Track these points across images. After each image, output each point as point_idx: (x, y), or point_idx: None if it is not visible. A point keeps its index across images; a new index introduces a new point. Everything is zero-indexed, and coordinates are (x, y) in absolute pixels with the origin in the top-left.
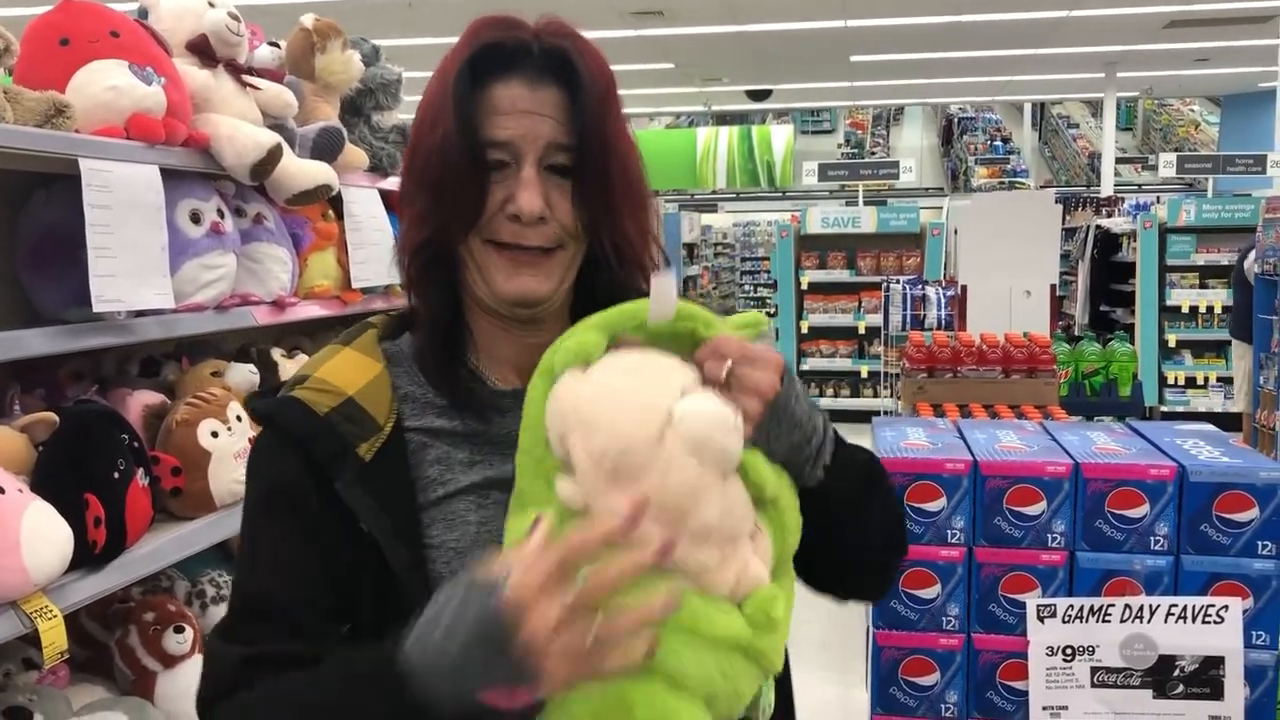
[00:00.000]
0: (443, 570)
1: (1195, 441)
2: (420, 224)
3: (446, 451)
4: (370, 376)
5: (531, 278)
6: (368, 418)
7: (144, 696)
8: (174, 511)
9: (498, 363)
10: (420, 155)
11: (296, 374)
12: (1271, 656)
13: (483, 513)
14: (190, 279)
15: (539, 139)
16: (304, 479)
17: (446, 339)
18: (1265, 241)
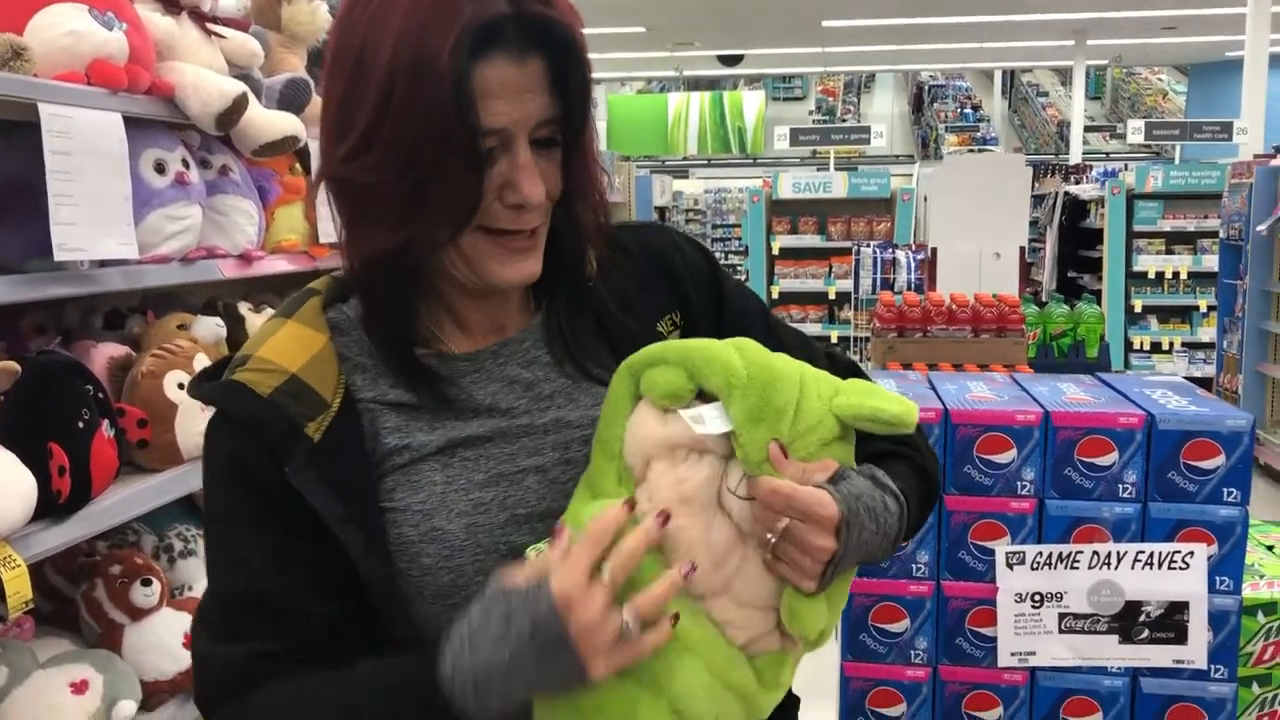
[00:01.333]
0: (409, 533)
1: (1164, 392)
2: (391, 228)
3: (405, 421)
4: (315, 350)
5: (527, 261)
6: (314, 395)
7: (111, 649)
8: (140, 464)
9: (457, 326)
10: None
11: (239, 354)
12: (1234, 601)
13: (448, 471)
14: (155, 230)
15: (530, 118)
16: (262, 461)
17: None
18: (1230, 207)
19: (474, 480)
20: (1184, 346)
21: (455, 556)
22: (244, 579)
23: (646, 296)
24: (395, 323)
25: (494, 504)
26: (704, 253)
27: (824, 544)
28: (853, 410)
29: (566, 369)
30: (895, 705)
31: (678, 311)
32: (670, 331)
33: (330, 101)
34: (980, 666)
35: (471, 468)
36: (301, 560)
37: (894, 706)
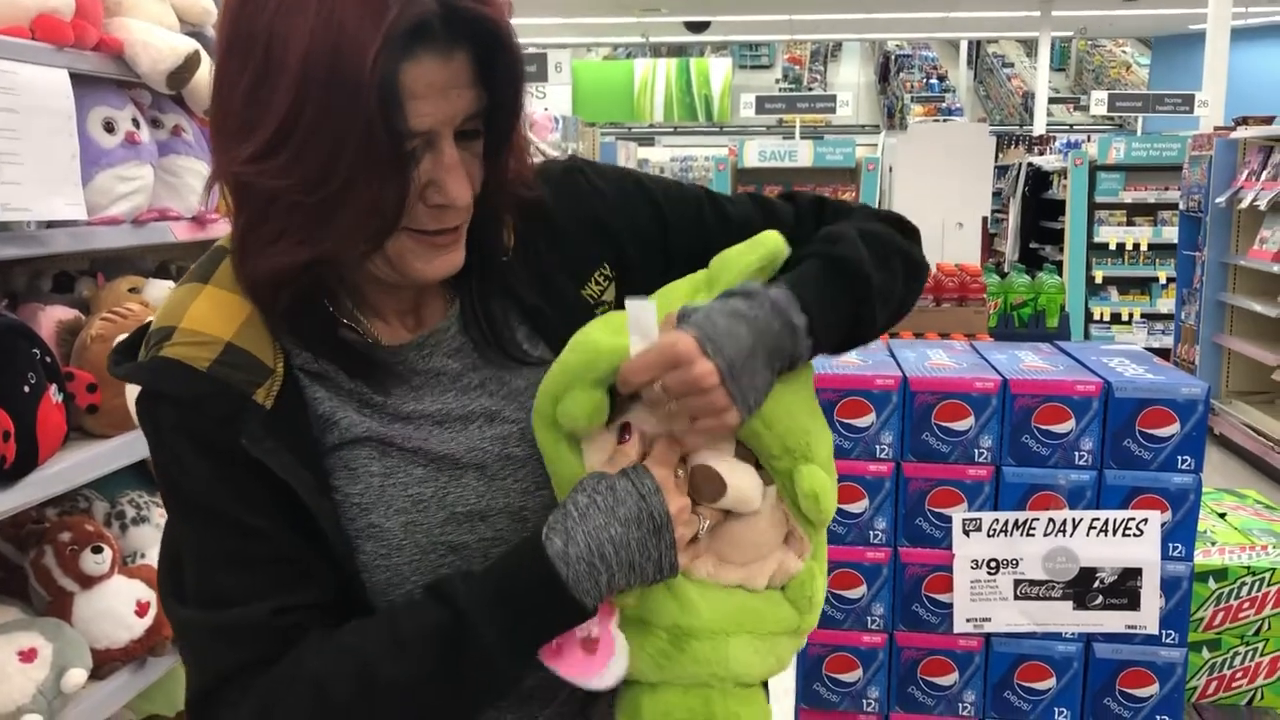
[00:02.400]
0: (347, 527)
1: (1121, 360)
2: (299, 242)
3: (331, 394)
4: (244, 315)
5: (450, 255)
6: (255, 361)
7: (61, 617)
8: (90, 429)
9: (375, 315)
10: (305, 153)
11: (157, 326)
12: (1186, 568)
13: (386, 463)
14: (104, 190)
15: (455, 116)
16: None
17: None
18: (1190, 179)
19: (413, 475)
20: (1143, 318)
21: (393, 555)
22: (235, 536)
23: (568, 260)
24: (308, 324)
25: (433, 501)
26: (624, 176)
27: (694, 375)
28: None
29: (489, 355)
30: (851, 671)
31: (607, 264)
32: (604, 288)
33: (229, 91)
34: (936, 633)
35: (410, 459)
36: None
37: (850, 672)
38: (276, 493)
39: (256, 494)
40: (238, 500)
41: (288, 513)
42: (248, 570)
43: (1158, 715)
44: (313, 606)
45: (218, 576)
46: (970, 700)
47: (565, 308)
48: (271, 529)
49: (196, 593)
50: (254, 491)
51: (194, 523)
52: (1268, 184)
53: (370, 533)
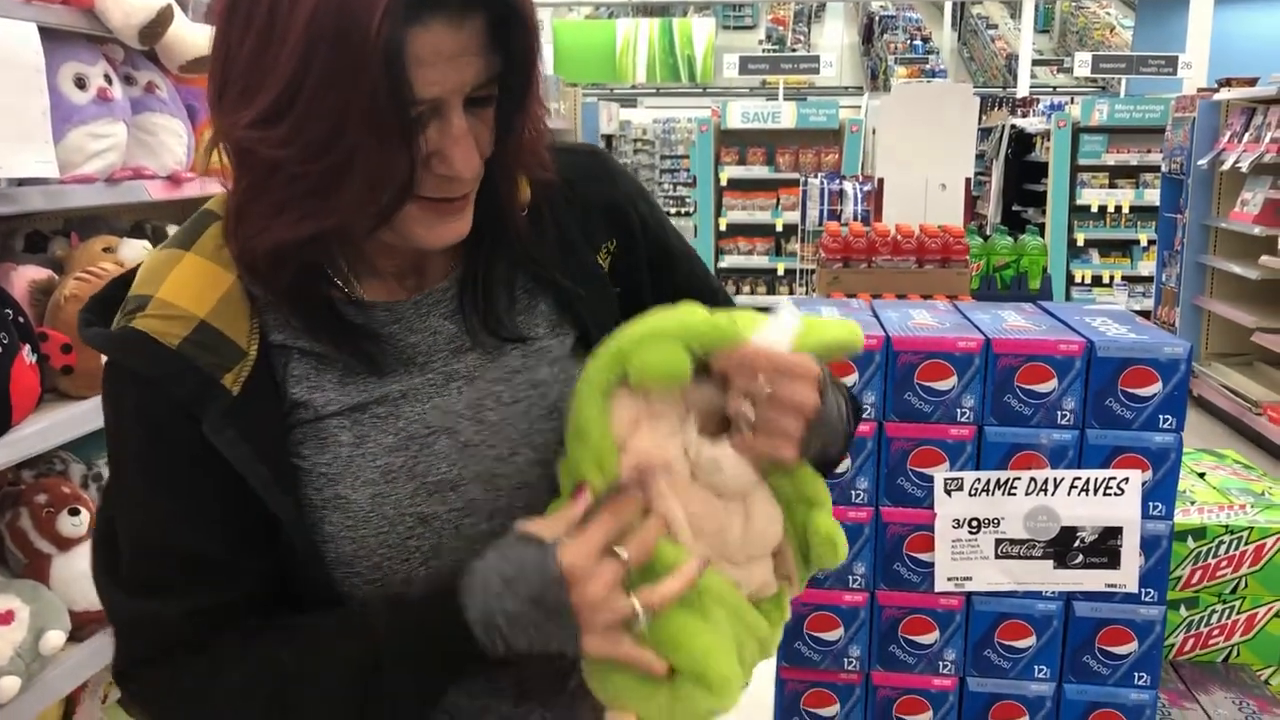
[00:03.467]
0: (313, 496)
1: (1104, 320)
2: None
3: (314, 371)
4: (223, 290)
5: (456, 223)
6: (227, 342)
7: (38, 580)
8: (65, 391)
9: (373, 273)
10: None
11: (134, 292)
12: (1166, 526)
13: (357, 431)
14: (76, 148)
15: (465, 85)
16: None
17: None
18: (1173, 141)
19: (383, 444)
20: (1124, 280)
21: (359, 527)
22: (163, 532)
23: (584, 228)
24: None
25: (402, 471)
26: (638, 184)
27: (808, 398)
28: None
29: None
30: (832, 630)
31: (613, 240)
32: (606, 261)
33: (231, 53)
34: (917, 591)
35: (381, 427)
36: (223, 517)
37: (831, 631)
38: (229, 483)
39: (204, 485)
40: (182, 490)
41: (238, 501)
42: (174, 564)
43: (1136, 672)
44: (236, 605)
45: (145, 564)
46: (951, 659)
47: (585, 275)
48: (210, 525)
49: (125, 574)
50: (202, 482)
51: (131, 504)
52: (1250, 146)
53: (337, 504)
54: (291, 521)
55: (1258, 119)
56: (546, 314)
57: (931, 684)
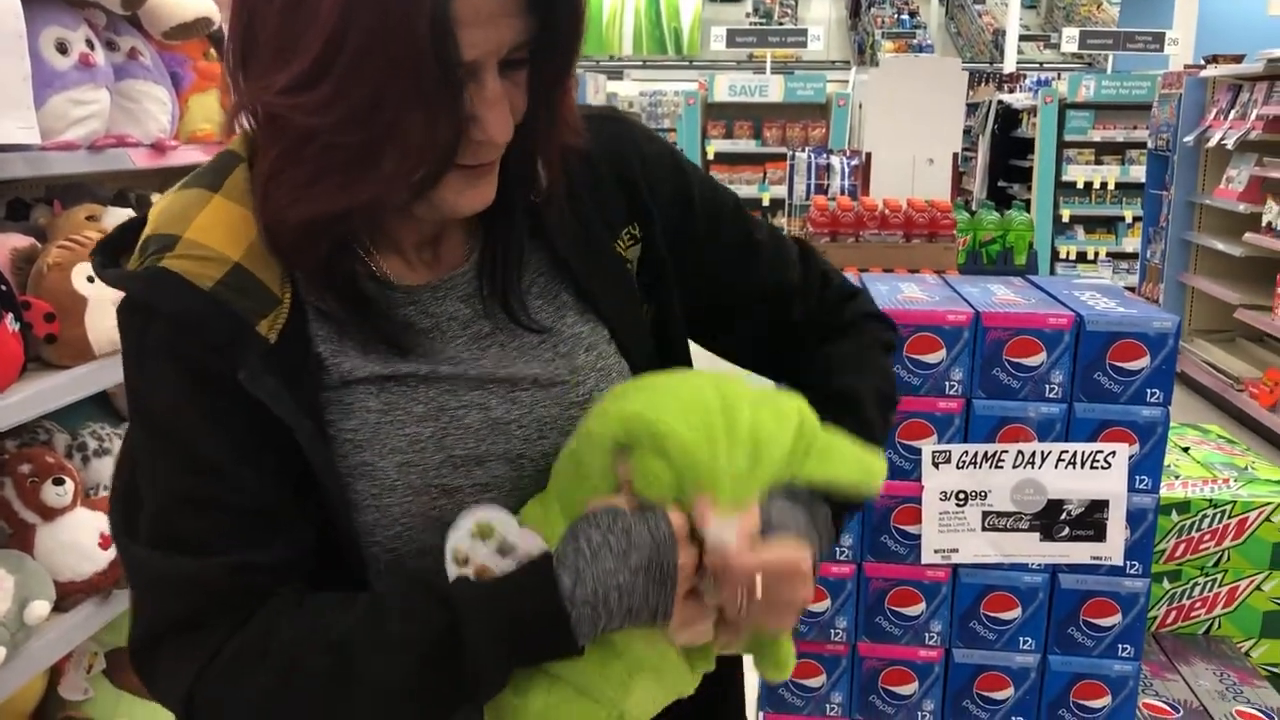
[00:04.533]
0: (338, 463)
1: (1092, 294)
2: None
3: (335, 332)
4: (253, 235)
5: (483, 189)
6: (262, 288)
7: (23, 550)
8: (49, 360)
9: (393, 250)
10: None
11: (157, 232)
12: (1152, 500)
13: (385, 398)
14: (58, 114)
15: (502, 47)
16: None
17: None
18: (1159, 118)
19: (412, 413)
20: (1109, 256)
21: (384, 496)
22: (206, 479)
23: (603, 211)
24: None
25: (430, 442)
26: (668, 151)
27: (801, 594)
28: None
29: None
30: (819, 601)
31: (635, 224)
32: (630, 247)
33: (257, 14)
34: (904, 563)
35: (411, 396)
36: (259, 467)
37: (818, 602)
38: (265, 434)
39: (241, 434)
40: (218, 438)
41: (273, 456)
42: (213, 517)
43: (1119, 644)
44: (278, 565)
45: (179, 518)
46: (937, 630)
47: (599, 258)
48: (249, 475)
49: (152, 531)
50: (239, 431)
51: (162, 455)
52: (1235, 123)
53: (363, 471)
54: (331, 477)
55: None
56: (571, 303)
57: (918, 655)
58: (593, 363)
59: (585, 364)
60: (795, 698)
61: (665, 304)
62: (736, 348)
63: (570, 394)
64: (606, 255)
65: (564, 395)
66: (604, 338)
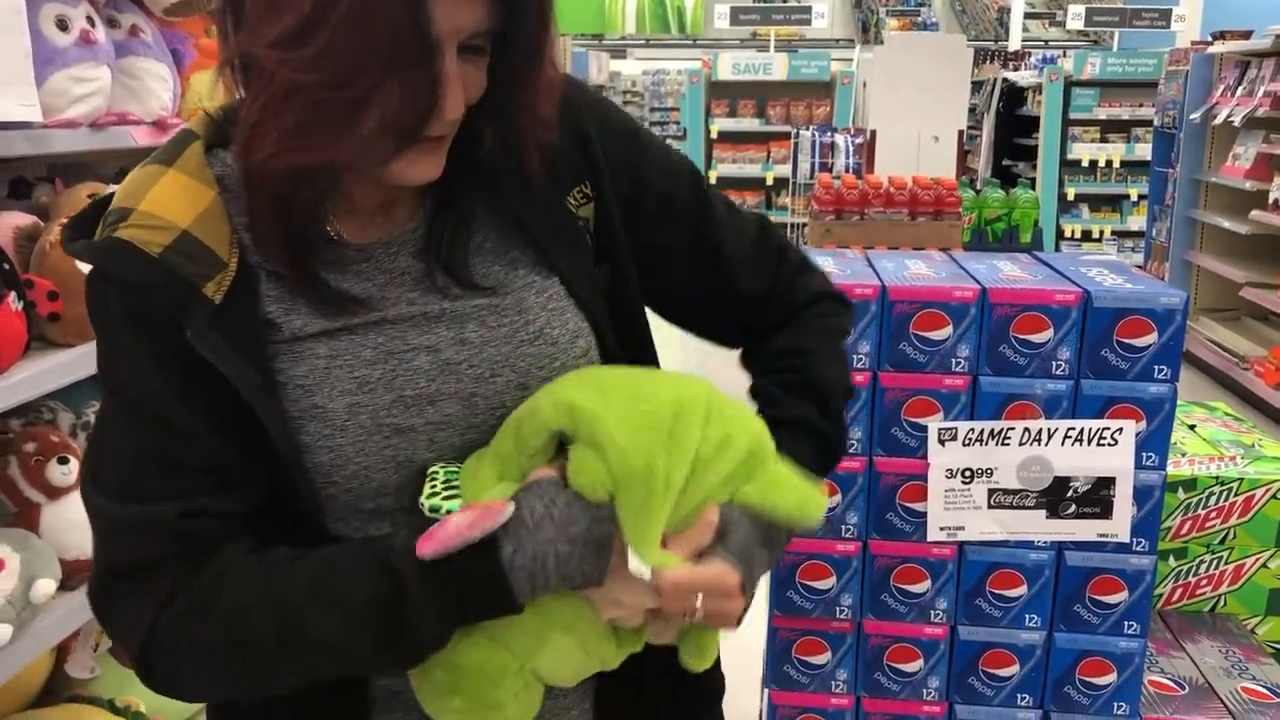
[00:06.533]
0: (289, 408)
1: (1099, 270)
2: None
3: (287, 291)
4: (204, 205)
5: (433, 163)
6: (209, 253)
7: (28, 529)
8: (53, 338)
9: (347, 207)
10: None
11: (115, 205)
12: (1159, 477)
13: (334, 345)
14: (59, 92)
15: (463, 29)
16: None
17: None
18: (1166, 95)
19: (360, 357)
20: (1114, 235)
21: (335, 436)
22: (161, 434)
23: (555, 167)
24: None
25: (380, 383)
26: (621, 116)
27: (734, 608)
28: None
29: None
30: (825, 578)
31: (588, 182)
32: (582, 205)
33: None
34: (910, 541)
35: (359, 343)
36: (211, 423)
37: (824, 580)
38: (215, 391)
39: (191, 391)
40: (169, 396)
41: (224, 412)
42: (165, 470)
43: (1126, 621)
44: (229, 516)
45: (134, 471)
46: (942, 607)
47: (551, 212)
48: (199, 432)
49: (111, 482)
50: (189, 389)
51: (121, 412)
52: (1243, 100)
53: (314, 414)
54: (278, 429)
55: (1251, 72)
56: (522, 258)
57: (923, 632)
58: (544, 303)
59: (535, 304)
60: (801, 675)
61: (619, 265)
62: (691, 317)
63: (520, 332)
64: (558, 210)
65: (513, 334)
66: (555, 284)
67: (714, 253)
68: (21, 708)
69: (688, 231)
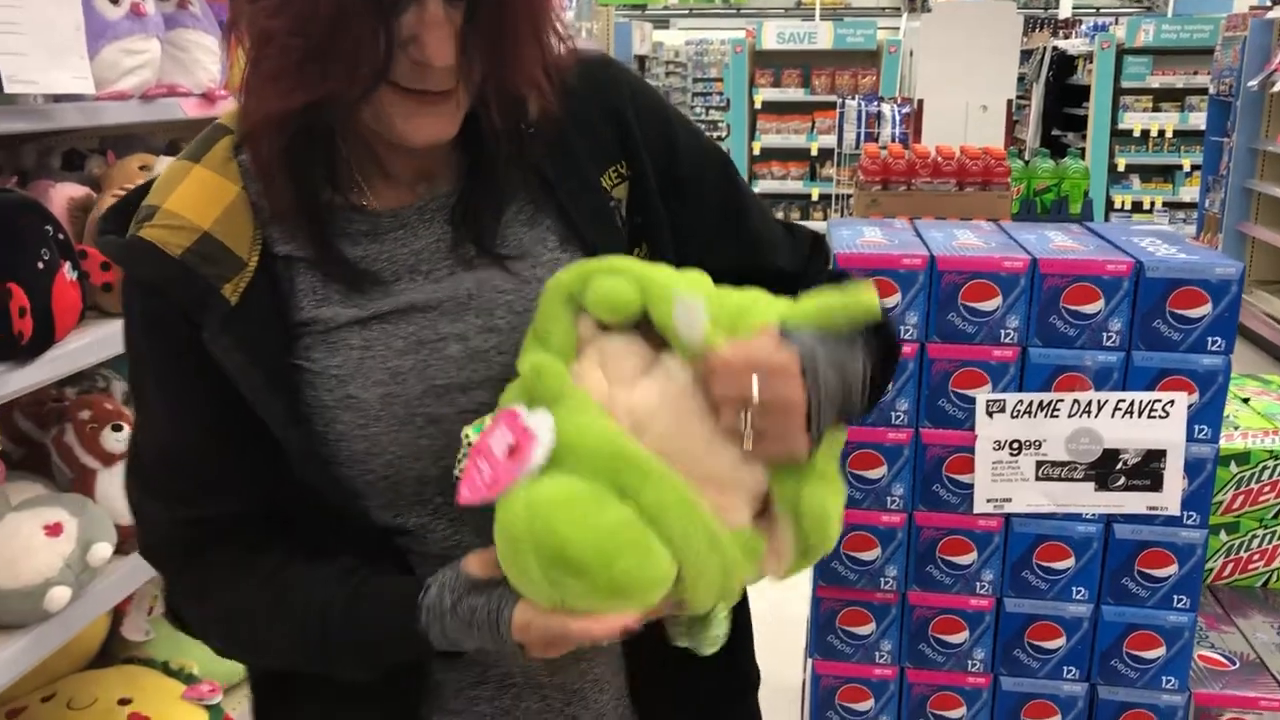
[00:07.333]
0: (324, 398)
1: (1152, 240)
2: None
3: (321, 283)
4: (227, 201)
5: (435, 120)
6: (227, 254)
7: (85, 494)
8: (106, 308)
9: (382, 174)
10: None
11: (146, 202)
12: (1212, 450)
13: (366, 335)
14: (111, 64)
15: None
16: (178, 322)
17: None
18: (1222, 62)
19: (392, 347)
20: (1165, 206)
21: (371, 425)
22: (171, 439)
23: (589, 144)
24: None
25: (412, 374)
26: (656, 98)
27: (793, 393)
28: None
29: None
30: (869, 550)
31: (623, 162)
32: (616, 184)
33: None
34: (956, 513)
35: (390, 332)
36: (231, 423)
37: (868, 551)
38: (228, 391)
39: (204, 391)
40: (178, 396)
41: (239, 411)
42: (166, 469)
43: (1175, 595)
44: (222, 516)
45: (142, 463)
46: (988, 579)
47: (585, 190)
48: (208, 432)
49: (131, 467)
50: (202, 389)
51: (138, 404)
52: None
53: (349, 403)
54: (280, 425)
55: None
56: (553, 229)
57: (968, 604)
58: None
59: None
60: (844, 645)
61: (657, 245)
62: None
63: None
64: (592, 188)
65: None
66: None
67: (742, 235)
68: (79, 669)
69: (718, 214)
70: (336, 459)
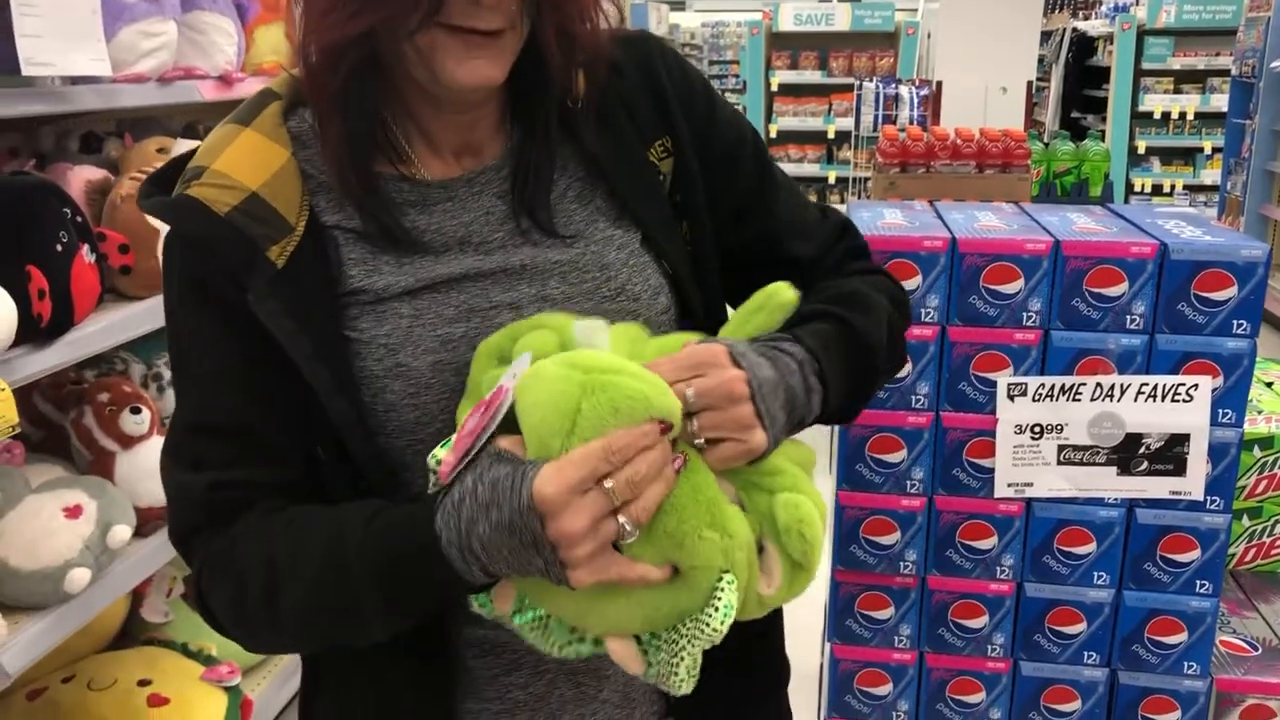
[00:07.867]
0: (374, 367)
1: (1176, 222)
2: (351, 14)
3: (370, 254)
4: (276, 166)
5: (485, 62)
6: (276, 215)
7: (104, 476)
8: (124, 291)
9: (428, 146)
10: None
11: (192, 163)
12: (1236, 434)
13: (416, 304)
14: (128, 46)
15: None
16: (224, 282)
17: (354, 126)
18: (1245, 42)
19: (443, 315)
20: (1185, 189)
21: (421, 394)
22: (211, 405)
23: (635, 120)
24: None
25: (463, 341)
26: (696, 74)
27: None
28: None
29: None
30: (889, 534)
31: (668, 137)
32: (662, 159)
33: None
34: (976, 497)
35: (441, 301)
36: (270, 389)
37: (888, 535)
38: (271, 353)
39: (245, 352)
40: (219, 359)
41: (278, 374)
42: (205, 438)
43: (1197, 580)
44: (257, 482)
45: (180, 439)
46: (1009, 564)
47: (633, 164)
48: (247, 395)
49: (169, 447)
50: (241, 355)
51: (183, 375)
52: None
53: (399, 372)
54: (327, 393)
55: None
56: (604, 209)
57: (988, 589)
58: (625, 259)
59: (616, 260)
60: (863, 630)
61: (697, 222)
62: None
63: (602, 288)
64: (640, 163)
65: (595, 289)
66: (636, 239)
67: (771, 217)
68: (99, 650)
69: (749, 194)
70: (385, 429)
